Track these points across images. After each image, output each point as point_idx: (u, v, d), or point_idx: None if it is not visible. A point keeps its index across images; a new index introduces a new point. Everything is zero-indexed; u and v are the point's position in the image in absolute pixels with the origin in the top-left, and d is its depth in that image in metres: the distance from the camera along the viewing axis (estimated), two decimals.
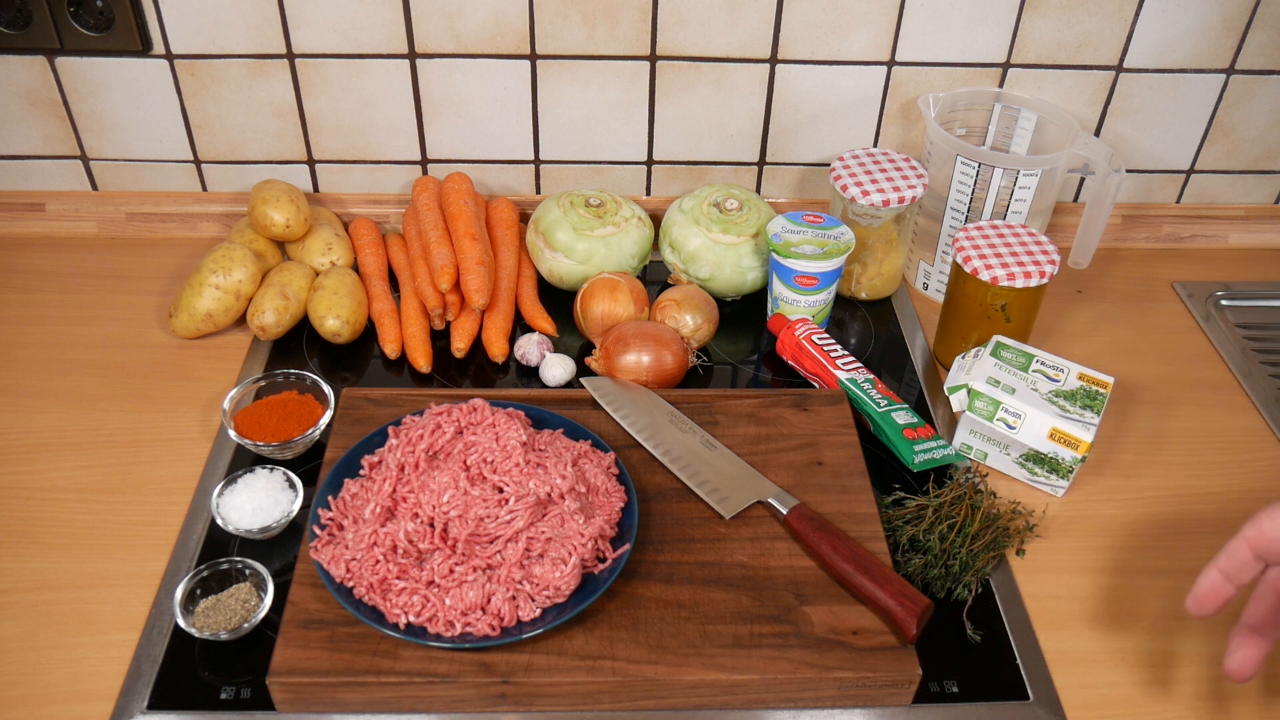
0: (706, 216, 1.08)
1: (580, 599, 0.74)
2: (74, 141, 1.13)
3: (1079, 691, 0.76)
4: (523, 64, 1.09)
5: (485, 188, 1.19)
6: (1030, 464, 0.91)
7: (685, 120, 1.14)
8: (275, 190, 1.08)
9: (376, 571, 0.73)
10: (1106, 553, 0.87)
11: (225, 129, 1.13)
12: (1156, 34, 1.09)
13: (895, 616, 0.73)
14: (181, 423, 0.95)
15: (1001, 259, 0.96)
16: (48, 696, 0.73)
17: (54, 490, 0.88)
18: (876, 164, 1.08)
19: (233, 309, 1.03)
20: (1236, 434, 0.99)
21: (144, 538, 0.85)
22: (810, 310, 1.05)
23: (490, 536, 0.75)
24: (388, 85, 1.10)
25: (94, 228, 1.18)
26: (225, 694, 0.73)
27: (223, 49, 1.07)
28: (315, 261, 1.09)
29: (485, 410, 0.83)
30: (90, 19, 1.03)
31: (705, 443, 0.88)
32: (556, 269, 1.08)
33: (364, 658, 0.71)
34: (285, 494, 0.85)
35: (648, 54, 1.09)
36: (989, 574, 0.84)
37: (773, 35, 1.08)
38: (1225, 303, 1.16)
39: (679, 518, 0.82)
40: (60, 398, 0.97)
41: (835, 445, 0.89)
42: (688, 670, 0.72)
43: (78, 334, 1.04)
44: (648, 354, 0.95)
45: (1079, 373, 0.92)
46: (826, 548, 0.77)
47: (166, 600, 0.79)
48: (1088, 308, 1.14)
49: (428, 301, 1.04)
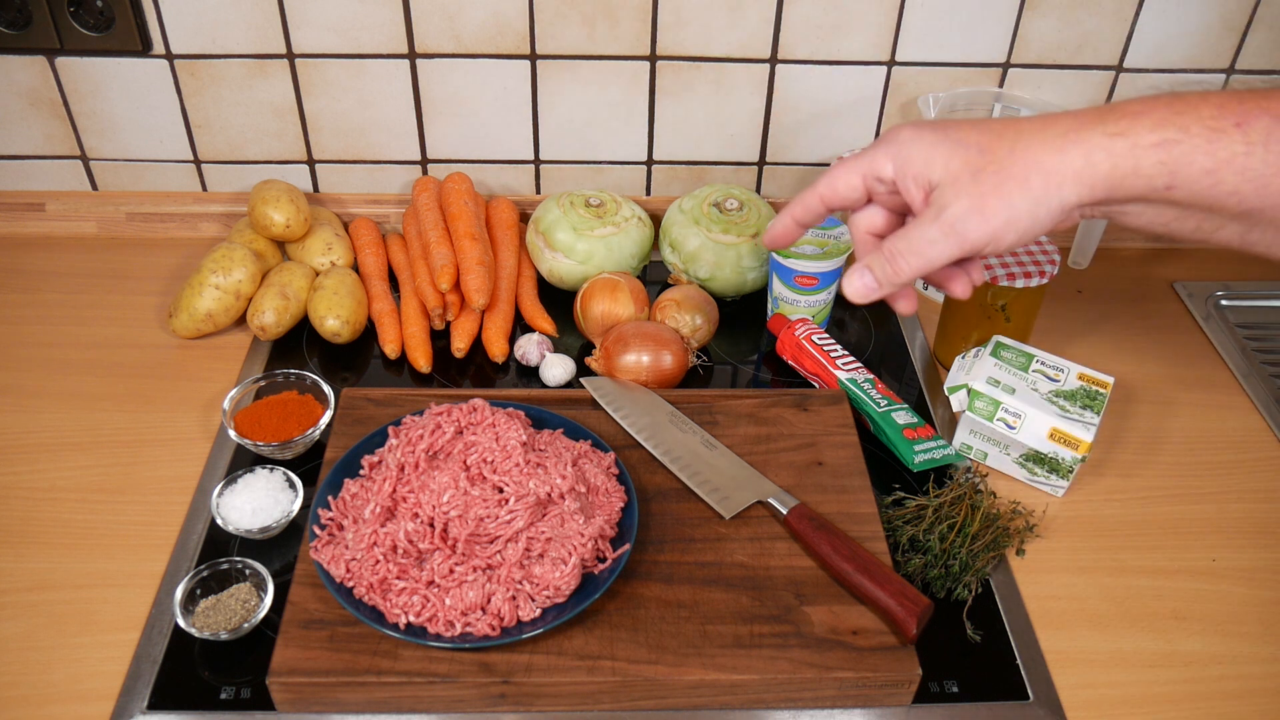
0: (706, 216, 1.08)
1: (580, 599, 0.74)
2: (74, 141, 1.13)
3: (1079, 691, 0.76)
4: (523, 64, 1.09)
5: (485, 188, 1.19)
6: (1030, 464, 0.91)
7: (685, 120, 1.14)
8: (275, 190, 1.08)
9: (376, 571, 0.73)
10: (1106, 553, 0.87)
11: (225, 129, 1.13)
12: (1156, 34, 1.09)
13: (895, 616, 0.73)
14: (181, 423, 0.95)
15: (1001, 259, 0.96)
16: (48, 696, 0.73)
17: (54, 490, 0.88)
18: None
19: (233, 309, 1.03)
20: (1236, 434, 0.99)
21: (144, 538, 0.85)
22: (810, 310, 1.05)
23: (490, 536, 0.75)
24: (388, 85, 1.10)
25: (94, 228, 1.18)
26: (225, 694, 0.73)
27: (223, 49, 1.07)
28: (315, 261, 1.09)
29: (485, 410, 0.83)
30: (90, 19, 1.03)
31: (705, 443, 0.88)
32: (556, 269, 1.08)
33: (364, 658, 0.71)
34: (285, 494, 0.85)
35: (648, 54, 1.09)
36: (989, 574, 0.84)
37: (773, 35, 1.08)
38: (1225, 303, 1.16)
39: (679, 518, 0.82)
40: (60, 398, 0.97)
41: (835, 445, 0.89)
42: (688, 670, 0.72)
43: (78, 334, 1.04)
44: (648, 354, 0.95)
45: (1079, 373, 0.92)
46: (826, 547, 0.77)
47: (166, 600, 0.79)
48: (1088, 308, 1.14)
49: (428, 301, 1.04)
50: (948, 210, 0.60)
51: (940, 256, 0.61)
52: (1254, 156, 0.55)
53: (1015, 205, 0.59)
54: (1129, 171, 0.58)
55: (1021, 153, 0.59)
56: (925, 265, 0.62)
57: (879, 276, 0.64)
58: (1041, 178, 0.59)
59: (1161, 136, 0.57)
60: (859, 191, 0.66)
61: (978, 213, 0.59)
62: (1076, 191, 0.59)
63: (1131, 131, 0.57)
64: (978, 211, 0.59)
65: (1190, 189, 0.57)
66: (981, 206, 0.59)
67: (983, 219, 0.59)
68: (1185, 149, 0.56)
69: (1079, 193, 0.59)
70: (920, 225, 0.62)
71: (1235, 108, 0.56)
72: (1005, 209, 0.59)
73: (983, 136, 0.61)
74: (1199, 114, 0.56)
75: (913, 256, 0.62)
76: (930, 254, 0.61)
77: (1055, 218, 0.60)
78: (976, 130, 0.62)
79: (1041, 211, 0.59)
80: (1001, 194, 0.59)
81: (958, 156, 0.61)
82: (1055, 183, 0.59)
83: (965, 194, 0.60)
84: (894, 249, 0.63)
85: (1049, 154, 0.59)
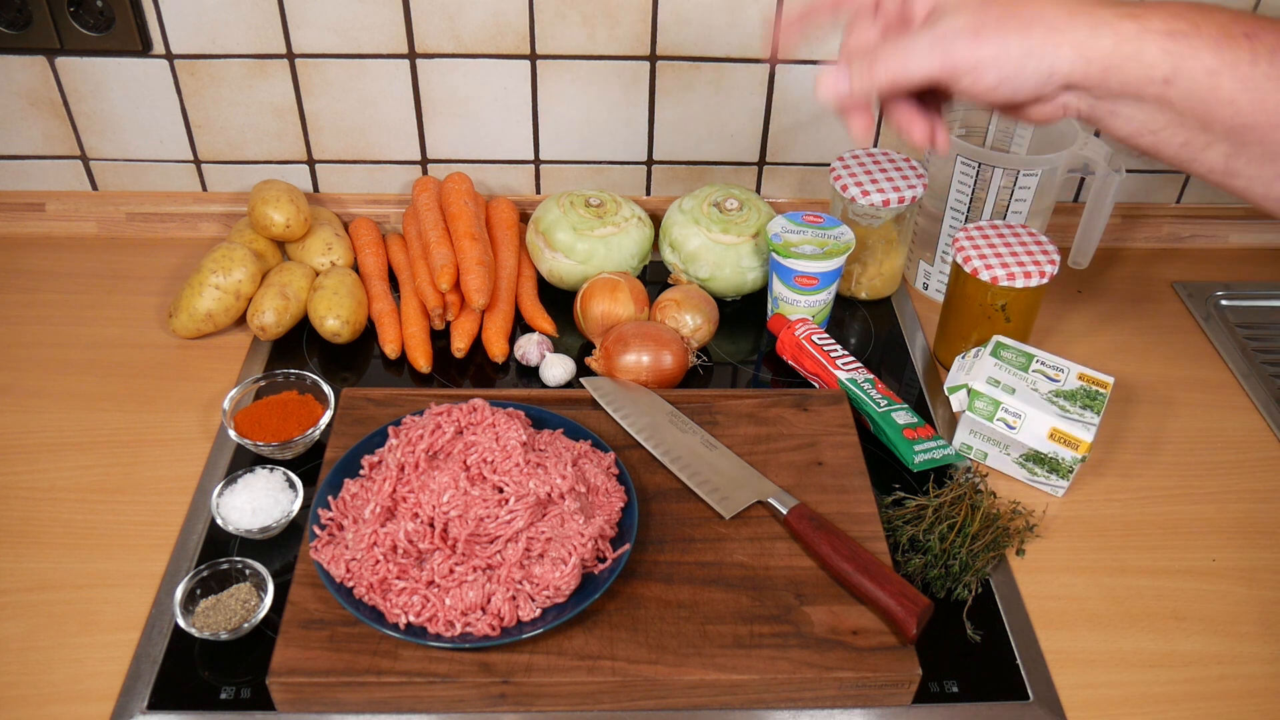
0: (706, 216, 1.08)
1: (580, 599, 0.74)
2: (74, 141, 1.13)
3: (1079, 691, 0.76)
4: (523, 64, 1.09)
5: (485, 188, 1.19)
6: (1030, 464, 0.91)
7: (685, 120, 1.14)
8: (275, 190, 1.08)
9: (376, 571, 0.73)
10: (1106, 553, 0.87)
11: (225, 129, 1.13)
12: None
13: (895, 616, 0.73)
14: (181, 423, 0.95)
15: (1001, 259, 0.96)
16: (48, 696, 0.73)
17: (54, 490, 0.88)
18: (876, 164, 1.08)
19: (233, 309, 1.03)
20: (1236, 434, 0.99)
21: (144, 538, 0.85)
22: (810, 310, 1.05)
23: (490, 536, 0.75)
24: (388, 85, 1.10)
25: (94, 228, 1.18)
26: (225, 694, 0.73)
27: (223, 49, 1.07)
28: (315, 261, 1.09)
29: (485, 410, 0.83)
30: (90, 19, 1.03)
31: (705, 443, 0.88)
32: (556, 269, 1.08)
33: (364, 658, 0.71)
34: (285, 494, 0.85)
35: (648, 54, 1.09)
36: (989, 574, 0.84)
37: (773, 35, 1.08)
38: (1225, 303, 1.16)
39: (679, 518, 0.82)
40: (60, 398, 0.97)
41: (835, 445, 0.89)
42: (688, 670, 0.72)
43: (78, 334, 1.04)
44: (648, 354, 0.95)
45: (1079, 373, 0.92)
46: (826, 547, 0.77)
47: (166, 600, 0.79)
48: (1088, 308, 1.14)
49: (428, 301, 1.04)
50: (942, 22, 0.59)
51: (919, 68, 0.60)
52: (1258, 67, 0.55)
53: (1009, 44, 0.58)
54: (1130, 54, 0.57)
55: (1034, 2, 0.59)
56: (902, 73, 0.60)
57: (852, 75, 0.62)
58: (1044, 30, 0.58)
59: (1172, 26, 0.56)
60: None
61: (971, 34, 0.59)
62: (1070, 60, 0.58)
63: (1143, 16, 0.57)
64: (972, 33, 0.59)
65: (1189, 86, 0.57)
66: (977, 30, 0.59)
67: (973, 43, 0.59)
68: (1193, 43, 0.56)
69: (1073, 63, 0.58)
70: (911, 34, 0.61)
71: (1248, 20, 0.57)
72: (999, 43, 0.58)
73: None
74: (1212, 17, 0.57)
75: (892, 61, 0.60)
76: (910, 64, 0.60)
77: (1041, 79, 0.59)
78: None
79: (1030, 65, 0.58)
80: (1001, 28, 0.58)
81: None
82: (1054, 42, 0.58)
83: (965, 13, 0.59)
84: (876, 52, 0.61)
85: (1059, 14, 0.58)
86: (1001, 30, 0.59)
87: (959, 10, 0.60)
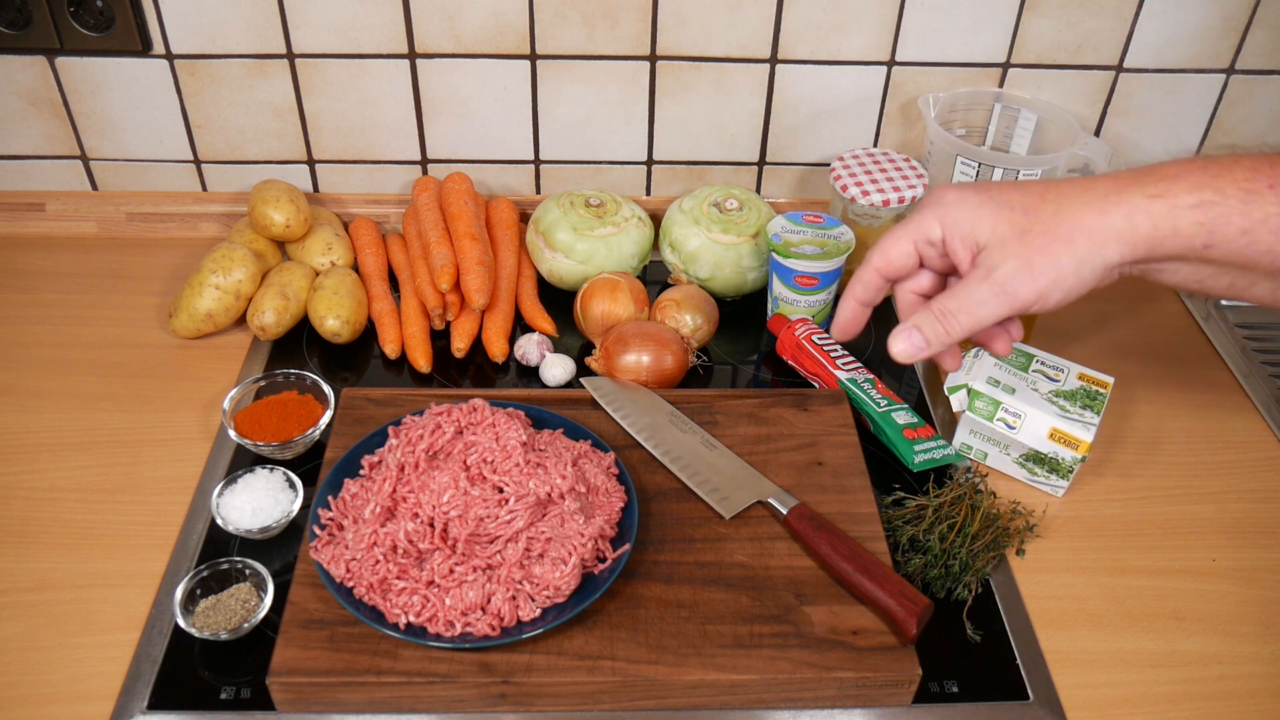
0: (706, 216, 1.08)
1: (580, 599, 0.74)
2: (74, 141, 1.13)
3: (1079, 691, 0.76)
4: (523, 64, 1.09)
5: (485, 188, 1.19)
6: (1030, 464, 0.91)
7: (685, 120, 1.14)
8: (275, 190, 1.08)
9: (376, 571, 0.73)
10: (1106, 553, 0.87)
11: (225, 129, 1.13)
12: (1156, 34, 1.09)
13: (895, 616, 0.73)
14: (181, 423, 0.95)
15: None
16: (48, 696, 0.73)
17: (54, 490, 0.88)
18: (876, 164, 1.08)
19: (233, 309, 1.03)
20: (1236, 434, 0.99)
21: (144, 538, 0.85)
22: (810, 310, 1.05)
23: (490, 536, 0.75)
24: (388, 85, 1.10)
25: (94, 228, 1.18)
26: (225, 694, 0.73)
27: (223, 49, 1.07)
28: (315, 261, 1.09)
29: (485, 410, 0.83)
30: (90, 19, 1.03)
31: (705, 443, 0.88)
32: (556, 269, 1.08)
33: (364, 658, 0.71)
34: (285, 494, 0.85)
35: (648, 54, 1.09)
36: (989, 574, 0.84)
37: (773, 35, 1.08)
38: (1225, 303, 1.16)
39: (679, 518, 0.82)
40: (60, 398, 0.97)
41: (835, 445, 0.89)
42: (688, 670, 0.72)
43: (78, 334, 1.04)
44: (648, 354, 0.95)
45: (1079, 373, 0.92)
46: (826, 547, 0.77)
47: (166, 600, 0.79)
48: (1088, 308, 1.14)
49: (428, 301, 1.04)
50: (997, 270, 0.63)
51: (990, 315, 0.64)
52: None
53: (1061, 265, 0.62)
54: (1169, 232, 0.60)
55: (1066, 214, 0.62)
56: (975, 324, 0.64)
57: (928, 336, 0.66)
58: (1086, 238, 0.61)
59: (1199, 198, 0.60)
60: (912, 258, 0.69)
61: (1026, 272, 0.62)
62: (1119, 250, 0.61)
63: (1170, 194, 0.60)
64: (1026, 271, 0.62)
65: (1227, 248, 0.60)
66: (1030, 266, 0.62)
67: (1031, 278, 0.62)
68: (1222, 210, 0.59)
69: (1121, 252, 0.61)
70: (969, 285, 0.64)
71: (1268, 171, 0.59)
72: (1052, 268, 0.62)
73: (1026, 198, 0.64)
74: (1233, 176, 0.59)
75: (963, 316, 0.64)
76: (980, 313, 0.64)
77: (1099, 276, 0.63)
78: (1019, 191, 0.64)
79: (1086, 270, 0.62)
80: (1048, 254, 0.62)
81: (1003, 218, 0.63)
82: (1099, 242, 0.61)
83: (1013, 255, 0.62)
84: (944, 308, 0.65)
85: (1092, 215, 0.61)
86: (1049, 255, 0.62)
87: (1005, 254, 0.63)
